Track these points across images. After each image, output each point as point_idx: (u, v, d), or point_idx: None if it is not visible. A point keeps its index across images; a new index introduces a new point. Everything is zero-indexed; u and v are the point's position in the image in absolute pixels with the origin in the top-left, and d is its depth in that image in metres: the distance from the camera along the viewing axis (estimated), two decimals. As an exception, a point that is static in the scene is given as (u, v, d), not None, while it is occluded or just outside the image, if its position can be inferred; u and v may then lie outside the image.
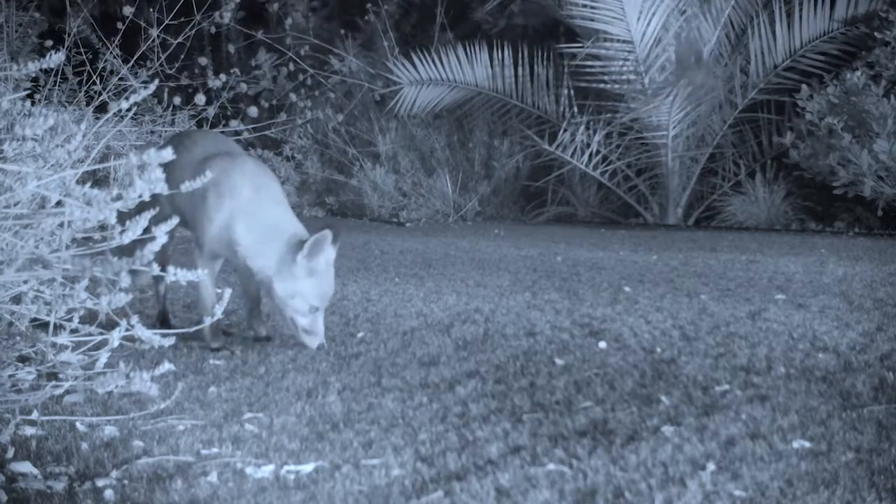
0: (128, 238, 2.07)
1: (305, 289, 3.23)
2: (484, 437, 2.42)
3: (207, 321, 3.01)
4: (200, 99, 7.69)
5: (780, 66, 8.52)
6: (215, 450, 2.32)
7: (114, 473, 2.15)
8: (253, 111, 8.26)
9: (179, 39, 6.92)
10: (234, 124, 7.81)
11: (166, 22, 6.69)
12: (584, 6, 8.38)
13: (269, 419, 2.58)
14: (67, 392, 2.60)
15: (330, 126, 9.52)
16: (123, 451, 2.29)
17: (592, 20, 8.43)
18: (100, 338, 2.32)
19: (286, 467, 2.20)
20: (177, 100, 7.63)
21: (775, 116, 8.61)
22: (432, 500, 2.02)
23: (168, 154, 1.99)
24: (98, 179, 6.46)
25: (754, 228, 8.29)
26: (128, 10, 6.72)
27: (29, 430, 2.39)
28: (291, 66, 9.70)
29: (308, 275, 3.21)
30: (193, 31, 7.05)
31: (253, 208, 3.33)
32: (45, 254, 2.13)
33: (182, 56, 7.54)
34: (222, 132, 7.69)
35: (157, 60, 6.92)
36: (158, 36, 6.76)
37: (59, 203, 2.28)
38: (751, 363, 3.14)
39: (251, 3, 9.97)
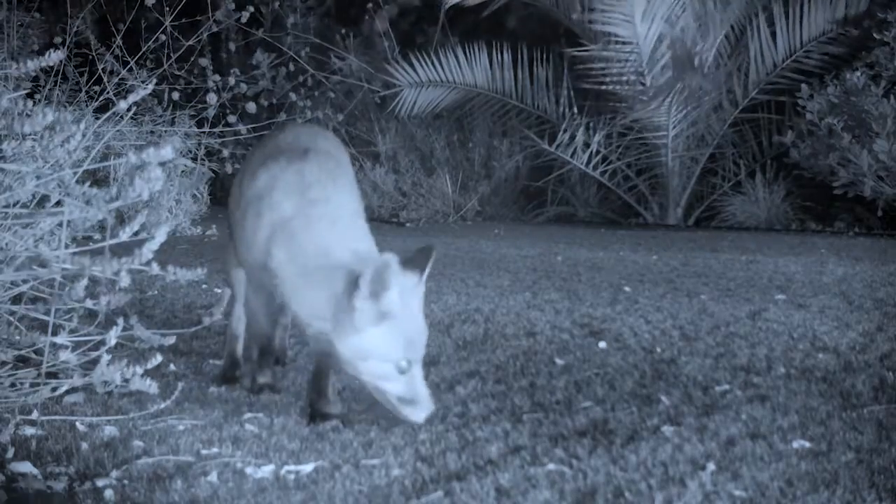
0: (124, 236, 2.06)
1: (378, 343, 2.36)
2: (484, 437, 2.42)
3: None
4: (212, 98, 7.70)
5: (780, 65, 8.53)
6: (215, 450, 2.32)
7: (114, 473, 2.14)
8: (251, 107, 8.26)
9: (191, 42, 6.91)
10: (232, 119, 7.80)
11: (167, 21, 6.67)
12: (593, 10, 8.38)
13: (269, 419, 2.58)
14: (67, 392, 2.60)
15: (330, 126, 9.53)
16: (123, 451, 2.29)
17: (597, 23, 8.43)
18: (99, 338, 2.32)
19: (286, 467, 2.20)
20: (175, 94, 7.63)
21: (775, 116, 8.61)
22: (432, 500, 2.02)
23: (168, 153, 1.99)
24: (97, 179, 6.46)
25: (754, 228, 8.30)
26: (150, 1, 6.68)
27: (29, 430, 2.39)
28: (291, 67, 9.70)
29: (378, 321, 2.35)
30: (206, 35, 7.05)
31: (296, 229, 2.53)
32: (44, 253, 2.13)
33: (192, 58, 7.54)
34: (222, 132, 7.69)
35: (168, 61, 6.91)
36: (169, 34, 6.74)
37: (58, 202, 2.28)
38: (751, 363, 3.14)
39: (249, 2, 9.98)
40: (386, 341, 2.35)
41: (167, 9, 6.76)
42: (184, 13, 6.86)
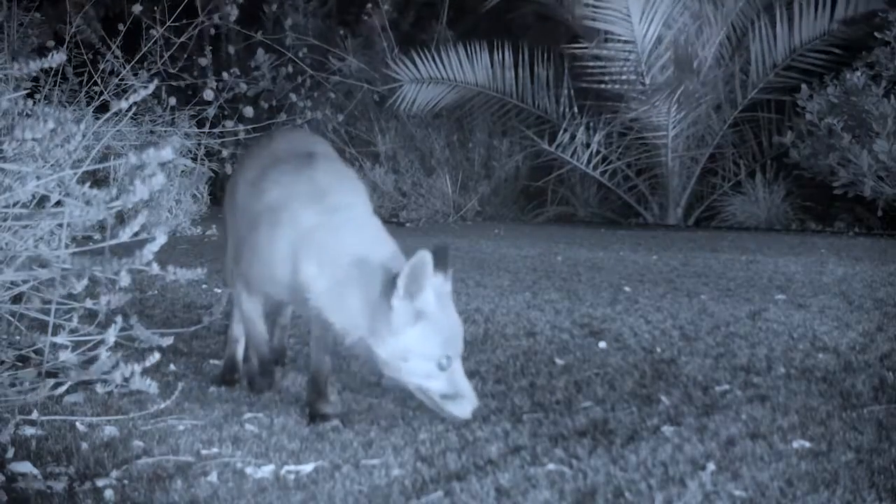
0: (125, 237, 2.05)
1: (417, 341, 2.34)
2: (484, 437, 2.42)
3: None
4: (209, 94, 7.69)
5: (780, 65, 8.53)
6: (215, 450, 2.32)
7: (114, 473, 2.14)
8: (249, 111, 8.27)
9: (182, 39, 6.91)
10: (230, 124, 7.81)
11: (168, 23, 6.68)
12: (588, 6, 8.39)
13: (269, 419, 2.58)
14: (67, 392, 2.60)
15: (329, 126, 9.53)
16: (123, 451, 2.29)
17: (595, 20, 8.44)
18: (99, 337, 2.32)
19: (286, 467, 2.20)
20: (172, 100, 7.63)
21: (775, 116, 8.61)
22: (432, 500, 2.02)
23: (169, 154, 1.99)
24: (98, 179, 6.46)
25: (754, 228, 8.29)
26: (136, 8, 6.71)
27: (29, 430, 2.39)
28: (290, 69, 9.69)
29: (415, 320, 2.34)
30: (196, 31, 7.04)
31: (324, 239, 2.45)
32: (44, 253, 2.13)
33: (185, 56, 7.53)
34: (221, 133, 7.68)
35: (161, 59, 6.90)
36: (162, 36, 6.74)
37: (58, 203, 2.28)
38: (751, 363, 3.14)
39: (249, 3, 9.97)
40: (425, 339, 2.34)
41: (155, 7, 6.76)
42: (182, 13, 6.85)
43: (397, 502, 2.02)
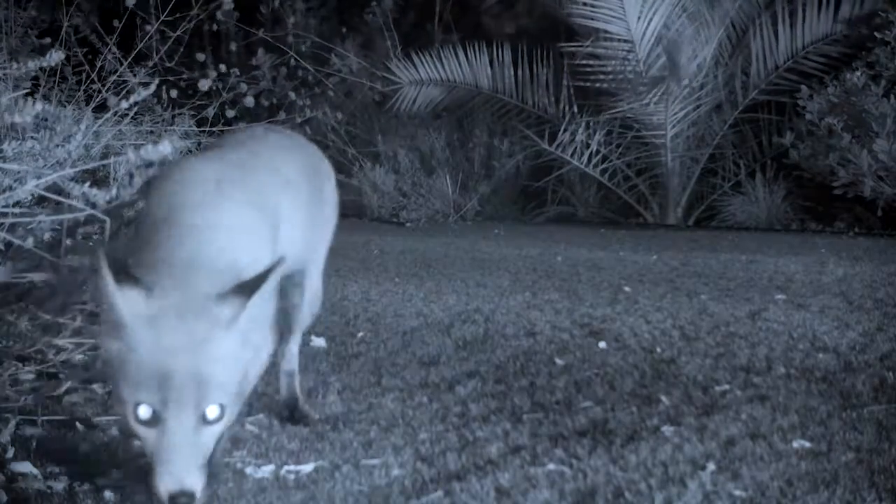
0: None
1: (108, 364, 1.69)
2: (484, 437, 2.42)
3: None
4: (250, 101, 7.74)
5: (781, 67, 8.52)
6: (215, 450, 2.32)
7: (114, 473, 2.14)
8: (249, 101, 8.26)
9: (178, 33, 6.88)
10: (231, 114, 7.82)
11: (163, 17, 6.66)
12: (585, 5, 8.38)
13: (268, 419, 2.58)
14: (67, 392, 2.60)
15: (329, 126, 9.52)
16: (123, 452, 2.29)
17: (592, 19, 8.44)
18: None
19: (286, 467, 2.20)
20: (174, 92, 7.63)
21: (775, 116, 8.60)
22: (432, 500, 2.02)
23: (167, 148, 1.98)
24: (97, 179, 6.45)
25: (754, 228, 8.29)
26: (130, 1, 6.69)
27: (29, 430, 2.39)
28: (293, 62, 9.68)
29: (113, 332, 1.65)
30: (192, 24, 7.01)
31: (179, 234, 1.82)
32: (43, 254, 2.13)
33: (181, 51, 7.51)
34: (221, 131, 7.68)
35: (157, 55, 6.89)
36: (158, 31, 6.73)
37: (58, 203, 2.28)
38: (751, 363, 3.14)
39: (249, 2, 9.96)
40: (119, 365, 1.64)
41: (149, 2, 6.75)
42: (178, 8, 6.83)
43: (397, 502, 2.02)
